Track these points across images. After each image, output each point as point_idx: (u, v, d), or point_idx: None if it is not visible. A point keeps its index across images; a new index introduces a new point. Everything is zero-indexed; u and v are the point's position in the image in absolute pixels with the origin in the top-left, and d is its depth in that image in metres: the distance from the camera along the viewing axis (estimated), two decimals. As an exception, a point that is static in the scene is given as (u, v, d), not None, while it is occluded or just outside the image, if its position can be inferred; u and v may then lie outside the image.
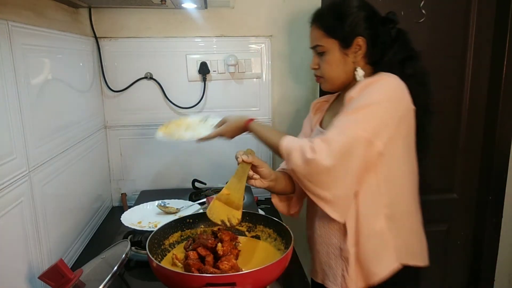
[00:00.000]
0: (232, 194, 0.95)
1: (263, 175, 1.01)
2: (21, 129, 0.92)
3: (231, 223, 0.93)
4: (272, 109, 1.70)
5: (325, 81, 1.13)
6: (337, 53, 1.07)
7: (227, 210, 0.94)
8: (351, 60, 1.08)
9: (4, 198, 0.84)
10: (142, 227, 1.22)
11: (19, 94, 0.92)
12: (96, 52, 1.54)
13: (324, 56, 1.09)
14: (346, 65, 1.08)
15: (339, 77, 1.10)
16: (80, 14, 1.46)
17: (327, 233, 1.08)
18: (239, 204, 0.95)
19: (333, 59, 1.08)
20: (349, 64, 1.08)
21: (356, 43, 1.05)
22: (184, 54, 1.61)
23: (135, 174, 1.69)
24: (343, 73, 1.09)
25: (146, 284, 1.07)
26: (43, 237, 1.01)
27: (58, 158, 1.13)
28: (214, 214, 0.93)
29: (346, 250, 1.02)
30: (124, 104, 1.62)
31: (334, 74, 1.10)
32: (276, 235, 1.01)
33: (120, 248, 0.97)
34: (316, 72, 1.15)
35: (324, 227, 1.09)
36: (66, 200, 1.19)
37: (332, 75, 1.11)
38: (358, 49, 1.06)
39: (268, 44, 1.64)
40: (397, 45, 1.08)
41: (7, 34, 0.88)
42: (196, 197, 1.57)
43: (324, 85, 1.15)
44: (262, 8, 1.61)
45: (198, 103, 1.64)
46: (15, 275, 0.89)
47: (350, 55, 1.07)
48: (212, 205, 0.95)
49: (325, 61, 1.10)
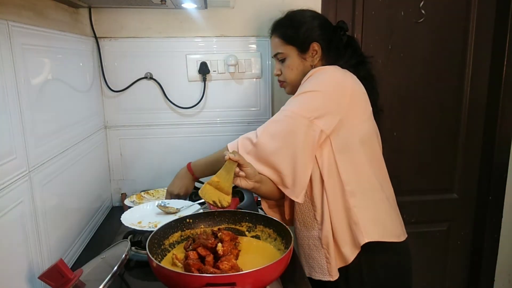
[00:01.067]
0: (222, 182, 1.00)
1: (247, 174, 1.02)
2: (21, 129, 0.92)
3: (222, 205, 1.00)
4: (272, 109, 1.70)
5: (288, 84, 1.27)
6: (296, 58, 1.21)
7: (218, 194, 1.01)
8: (309, 63, 1.21)
9: (4, 198, 0.84)
10: (142, 227, 1.22)
11: (19, 94, 0.92)
12: (96, 52, 1.54)
13: (285, 62, 1.23)
14: (305, 68, 1.21)
15: (300, 79, 1.18)
16: (80, 14, 1.46)
17: (306, 226, 1.17)
18: (229, 191, 1.01)
19: (293, 64, 1.22)
20: (308, 67, 1.20)
21: (312, 48, 1.19)
22: (184, 54, 1.61)
23: (135, 174, 1.69)
24: (303, 76, 1.17)
25: (146, 284, 1.07)
26: (43, 237, 1.01)
27: (58, 158, 1.13)
28: (206, 195, 1.00)
29: (325, 236, 1.10)
30: (124, 104, 1.62)
31: (295, 77, 1.22)
32: (276, 235, 1.01)
33: (120, 248, 0.97)
34: (279, 77, 1.29)
35: (302, 221, 1.18)
36: (66, 200, 1.19)
37: (293, 78, 1.23)
38: (315, 53, 1.19)
39: (268, 44, 1.64)
40: (350, 50, 1.21)
41: (7, 34, 0.87)
42: (196, 197, 1.57)
43: (287, 89, 1.29)
44: (262, 8, 1.61)
45: (198, 103, 1.64)
46: (15, 275, 0.89)
47: (308, 59, 1.21)
48: (204, 188, 1.00)
49: (286, 67, 1.23)
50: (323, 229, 1.11)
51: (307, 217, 1.17)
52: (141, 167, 1.68)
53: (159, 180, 1.69)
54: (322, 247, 1.13)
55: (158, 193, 1.59)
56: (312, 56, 1.20)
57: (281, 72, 1.26)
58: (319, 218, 1.13)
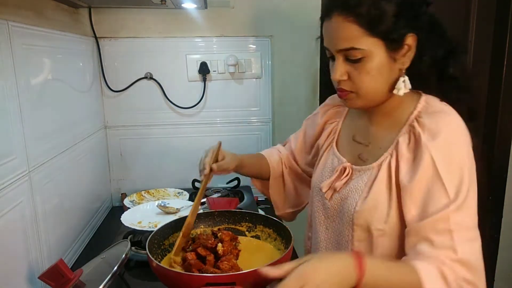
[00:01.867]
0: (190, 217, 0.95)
1: (224, 169, 1.01)
2: (21, 129, 0.92)
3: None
4: (272, 109, 1.70)
5: (359, 97, 0.82)
6: (383, 57, 0.78)
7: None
8: (398, 66, 0.80)
9: (4, 198, 0.84)
10: (142, 227, 1.22)
11: (19, 94, 0.92)
12: (96, 52, 1.54)
13: (363, 62, 0.78)
14: (391, 74, 0.81)
15: (382, 90, 0.82)
16: (80, 14, 1.46)
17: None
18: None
19: (376, 67, 0.78)
20: (395, 72, 0.81)
21: (406, 42, 0.78)
22: (184, 54, 1.61)
23: (135, 174, 1.69)
24: (386, 86, 0.81)
25: (146, 284, 1.07)
26: (43, 237, 1.01)
27: (58, 158, 1.12)
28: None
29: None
30: (124, 104, 1.62)
31: (376, 86, 0.81)
32: (276, 235, 1.01)
33: (120, 248, 0.97)
34: (343, 85, 0.83)
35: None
36: (66, 200, 1.19)
37: (372, 88, 0.81)
38: (408, 49, 0.79)
39: (268, 44, 1.64)
40: (434, 36, 0.82)
41: (7, 34, 0.88)
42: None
43: (355, 102, 0.84)
44: (262, 8, 1.61)
45: (198, 103, 1.64)
46: (15, 275, 0.89)
47: (398, 60, 0.79)
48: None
49: (363, 70, 0.79)
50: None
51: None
52: (141, 167, 1.68)
53: (159, 180, 1.69)
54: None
55: (158, 193, 1.59)
56: (404, 55, 0.79)
57: (348, 76, 0.81)
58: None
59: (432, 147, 0.76)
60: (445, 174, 0.74)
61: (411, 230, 0.76)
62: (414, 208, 0.76)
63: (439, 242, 0.72)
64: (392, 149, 0.83)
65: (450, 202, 0.73)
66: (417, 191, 0.76)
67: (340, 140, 0.99)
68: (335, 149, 0.97)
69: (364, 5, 0.75)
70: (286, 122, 1.72)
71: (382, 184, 0.82)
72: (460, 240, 0.71)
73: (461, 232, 0.72)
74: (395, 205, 0.80)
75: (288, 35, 1.64)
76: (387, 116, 0.87)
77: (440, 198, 0.74)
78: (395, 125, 0.85)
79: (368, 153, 0.89)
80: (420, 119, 0.80)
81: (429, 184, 0.75)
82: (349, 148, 0.95)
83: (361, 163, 0.89)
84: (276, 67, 1.67)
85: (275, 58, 1.66)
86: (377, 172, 0.83)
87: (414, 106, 0.83)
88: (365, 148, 0.91)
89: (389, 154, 0.83)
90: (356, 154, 0.92)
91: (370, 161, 0.87)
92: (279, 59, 1.66)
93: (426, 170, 0.75)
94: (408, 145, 0.81)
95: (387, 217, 0.80)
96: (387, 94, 0.82)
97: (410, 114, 0.83)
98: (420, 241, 0.74)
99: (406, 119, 0.83)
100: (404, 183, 0.78)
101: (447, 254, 0.71)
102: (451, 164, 0.75)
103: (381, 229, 0.81)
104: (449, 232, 0.72)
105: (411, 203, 0.76)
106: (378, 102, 0.84)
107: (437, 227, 0.73)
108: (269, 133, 1.73)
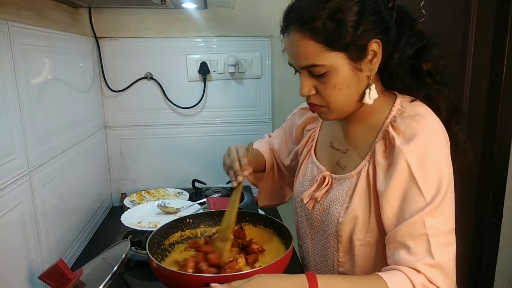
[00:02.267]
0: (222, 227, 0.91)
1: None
2: (21, 129, 0.92)
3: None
4: (272, 109, 1.70)
5: (331, 110, 0.80)
6: (347, 69, 0.75)
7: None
8: (366, 74, 0.77)
9: (4, 198, 0.84)
10: (142, 227, 1.22)
11: (19, 94, 0.92)
12: (96, 52, 1.54)
13: (327, 77, 0.75)
14: (359, 83, 0.77)
15: (352, 100, 0.79)
16: (80, 14, 1.46)
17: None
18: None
19: (342, 80, 0.75)
20: (363, 81, 0.77)
21: (370, 49, 0.74)
22: (184, 54, 1.60)
23: (135, 174, 1.69)
24: (356, 96, 0.79)
25: (146, 284, 1.07)
26: (43, 237, 1.01)
27: (58, 158, 1.12)
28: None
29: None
30: (124, 104, 1.62)
31: (345, 98, 0.78)
32: (276, 235, 1.01)
33: (120, 248, 0.97)
34: (313, 99, 0.80)
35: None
36: (66, 200, 1.19)
37: (341, 101, 0.78)
38: (373, 55, 0.75)
39: (268, 44, 1.64)
40: (402, 34, 0.78)
41: (7, 34, 0.88)
42: (196, 197, 1.57)
43: (328, 115, 0.82)
44: (262, 8, 1.61)
45: (198, 103, 1.64)
46: (15, 275, 0.89)
47: (364, 68, 0.76)
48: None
49: (329, 84, 0.76)
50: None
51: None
52: (141, 167, 1.68)
53: (159, 180, 1.69)
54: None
55: (158, 193, 1.60)
56: (370, 62, 0.76)
57: (316, 91, 0.79)
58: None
59: (406, 151, 0.73)
60: (420, 177, 0.72)
61: (389, 237, 0.74)
62: (391, 214, 0.74)
63: (414, 247, 0.70)
64: (369, 156, 0.81)
65: (425, 206, 0.71)
66: (393, 196, 0.74)
67: (318, 147, 0.98)
68: (314, 157, 0.96)
69: (319, 19, 0.71)
70: (286, 122, 1.72)
71: (362, 193, 0.80)
72: (437, 244, 0.70)
73: (437, 236, 0.70)
74: (374, 213, 0.78)
75: (288, 35, 1.63)
76: (362, 121, 0.85)
77: (416, 202, 0.72)
78: (371, 130, 0.83)
79: (346, 160, 0.88)
80: (395, 123, 0.78)
81: (405, 189, 0.73)
82: (327, 155, 0.94)
83: (340, 170, 0.88)
84: (276, 67, 1.67)
85: (275, 58, 1.66)
86: (356, 180, 0.82)
87: (389, 110, 0.81)
88: (343, 154, 0.89)
89: (367, 161, 0.81)
90: (334, 161, 0.90)
91: (348, 168, 0.86)
92: (279, 59, 1.66)
93: (401, 174, 0.73)
94: (384, 152, 0.78)
95: (368, 225, 0.79)
96: (358, 103, 0.80)
97: (386, 118, 0.80)
98: (397, 248, 0.72)
99: (382, 124, 0.81)
100: (381, 190, 0.76)
101: (423, 260, 0.69)
102: (427, 167, 0.72)
103: (362, 239, 0.80)
104: (425, 236, 0.70)
105: (389, 209, 0.74)
106: (351, 111, 0.82)
107: (413, 232, 0.71)
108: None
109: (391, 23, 0.77)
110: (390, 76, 0.81)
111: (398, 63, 0.78)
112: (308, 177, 0.95)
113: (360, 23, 0.72)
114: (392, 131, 0.77)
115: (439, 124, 0.77)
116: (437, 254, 0.69)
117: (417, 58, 0.79)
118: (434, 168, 0.73)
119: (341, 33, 0.71)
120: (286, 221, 1.13)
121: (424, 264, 0.69)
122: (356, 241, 0.81)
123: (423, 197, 0.71)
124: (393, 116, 0.79)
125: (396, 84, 0.83)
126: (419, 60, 0.79)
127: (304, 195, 0.92)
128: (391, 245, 0.74)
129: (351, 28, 0.71)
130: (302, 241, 1.00)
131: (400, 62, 0.78)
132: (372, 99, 0.78)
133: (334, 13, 0.71)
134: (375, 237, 0.80)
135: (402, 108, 0.80)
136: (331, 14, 0.71)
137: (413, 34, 0.79)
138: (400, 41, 0.78)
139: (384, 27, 0.75)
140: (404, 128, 0.76)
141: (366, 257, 0.82)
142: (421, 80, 0.80)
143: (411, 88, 0.81)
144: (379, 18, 0.74)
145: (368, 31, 0.73)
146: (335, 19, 0.71)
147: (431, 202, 0.71)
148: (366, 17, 0.72)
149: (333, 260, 0.88)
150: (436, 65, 0.80)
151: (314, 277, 0.69)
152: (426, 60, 0.79)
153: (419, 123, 0.75)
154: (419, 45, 0.78)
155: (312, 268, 0.96)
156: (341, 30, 0.71)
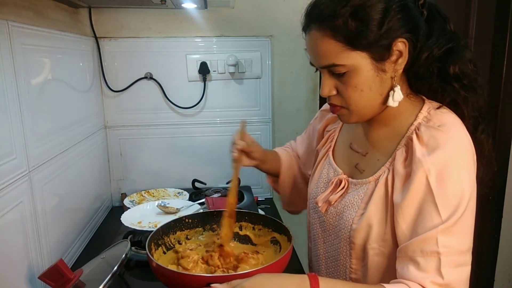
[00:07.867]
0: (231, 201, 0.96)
1: (253, 158, 0.99)
2: (21, 129, 0.92)
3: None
4: (272, 109, 1.70)
5: (351, 112, 0.77)
6: (370, 70, 0.71)
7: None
8: (390, 75, 0.73)
9: (4, 198, 0.84)
10: (142, 227, 1.22)
11: (19, 94, 0.92)
12: (96, 52, 1.54)
13: (348, 77, 0.72)
14: (383, 85, 0.74)
15: (374, 103, 0.76)
16: (80, 14, 1.46)
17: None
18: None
19: (364, 81, 0.72)
20: (387, 83, 0.74)
21: (395, 49, 0.71)
22: (184, 54, 1.60)
23: (135, 174, 1.69)
24: (379, 99, 0.75)
25: (146, 284, 1.07)
26: (43, 237, 1.01)
27: (58, 158, 1.13)
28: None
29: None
30: (124, 104, 1.62)
31: (367, 101, 0.75)
32: (275, 234, 1.01)
33: (120, 248, 0.97)
34: (333, 100, 0.78)
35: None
36: (66, 200, 1.19)
37: (362, 103, 0.75)
38: (399, 56, 0.72)
39: (268, 44, 1.64)
40: (431, 34, 0.73)
41: (7, 34, 0.88)
42: (196, 197, 1.57)
43: (348, 118, 0.79)
44: (262, 8, 1.61)
45: (198, 103, 1.64)
46: (15, 275, 0.89)
47: (388, 69, 0.72)
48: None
49: (350, 85, 0.73)
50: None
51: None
52: (141, 167, 1.68)
53: (159, 180, 1.69)
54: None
55: (158, 193, 1.60)
56: (395, 62, 0.72)
57: (337, 91, 0.76)
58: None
59: (426, 163, 0.69)
60: (438, 193, 0.68)
61: (401, 250, 0.71)
62: (405, 227, 0.71)
63: (425, 264, 0.67)
64: (389, 163, 0.77)
65: (440, 223, 0.67)
66: (408, 209, 0.71)
67: (336, 147, 0.94)
68: (331, 158, 0.93)
69: (341, 16, 0.68)
70: (286, 122, 1.72)
71: (379, 201, 0.77)
72: (448, 264, 0.67)
73: (450, 256, 0.67)
74: (390, 224, 0.75)
75: (288, 35, 1.63)
76: (385, 125, 0.81)
77: (431, 219, 0.68)
78: (394, 135, 0.79)
79: (365, 163, 0.84)
80: (419, 132, 0.73)
81: (421, 203, 0.70)
82: (345, 156, 0.90)
83: (358, 174, 0.84)
84: (276, 67, 1.67)
85: (275, 58, 1.66)
86: (374, 187, 0.78)
87: (415, 116, 0.76)
88: (362, 157, 0.85)
89: (387, 168, 0.77)
90: (353, 164, 0.87)
91: (367, 172, 0.82)
92: (279, 59, 1.66)
93: (418, 187, 0.69)
94: (404, 160, 0.75)
95: (383, 235, 0.76)
96: (382, 106, 0.76)
97: (410, 125, 0.76)
98: (406, 263, 0.70)
99: (406, 130, 0.77)
100: (397, 202, 0.72)
101: (432, 278, 0.66)
102: (446, 182, 0.68)
103: (376, 248, 0.77)
104: (436, 254, 0.67)
105: (403, 222, 0.71)
106: (373, 114, 0.79)
107: (424, 248, 0.68)
108: (269, 133, 1.73)
109: (420, 22, 0.72)
110: (417, 77, 0.76)
111: (424, 64, 0.73)
112: (324, 179, 0.92)
113: (385, 21, 0.68)
114: (416, 140, 0.73)
115: (465, 135, 0.72)
116: (447, 274, 0.66)
117: (445, 60, 0.74)
118: (454, 184, 0.68)
119: (364, 32, 0.68)
120: (286, 221, 1.13)
121: (432, 283, 0.66)
122: (370, 250, 0.78)
123: (439, 214, 0.68)
124: (418, 124, 0.75)
125: (423, 86, 0.78)
126: (447, 62, 0.74)
127: (319, 199, 0.89)
128: (401, 259, 0.71)
129: (375, 26, 0.68)
130: (313, 244, 0.96)
131: (426, 64, 0.73)
132: (396, 102, 0.74)
133: (357, 11, 0.68)
134: (389, 248, 0.76)
135: (429, 116, 0.75)
136: (353, 12, 0.68)
137: (444, 33, 0.74)
138: (428, 41, 0.73)
139: (412, 26, 0.71)
140: (428, 138, 0.71)
141: (380, 267, 0.78)
142: (447, 84, 0.75)
143: (437, 92, 0.77)
144: (407, 16, 0.70)
145: (393, 30, 0.69)
146: (357, 17, 0.68)
147: (447, 220, 0.67)
148: (392, 15, 0.69)
149: (345, 266, 0.85)
150: (465, 68, 0.75)
151: (316, 278, 0.68)
152: (454, 63, 0.74)
153: (444, 134, 0.70)
154: (448, 46, 0.73)
155: (323, 272, 0.92)
156: (364, 29, 0.68)
